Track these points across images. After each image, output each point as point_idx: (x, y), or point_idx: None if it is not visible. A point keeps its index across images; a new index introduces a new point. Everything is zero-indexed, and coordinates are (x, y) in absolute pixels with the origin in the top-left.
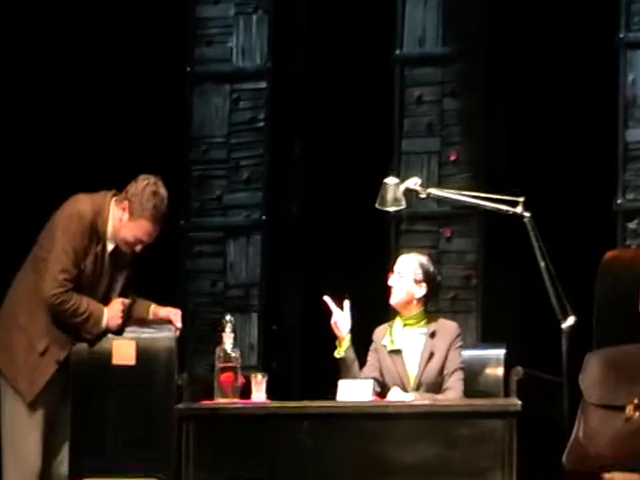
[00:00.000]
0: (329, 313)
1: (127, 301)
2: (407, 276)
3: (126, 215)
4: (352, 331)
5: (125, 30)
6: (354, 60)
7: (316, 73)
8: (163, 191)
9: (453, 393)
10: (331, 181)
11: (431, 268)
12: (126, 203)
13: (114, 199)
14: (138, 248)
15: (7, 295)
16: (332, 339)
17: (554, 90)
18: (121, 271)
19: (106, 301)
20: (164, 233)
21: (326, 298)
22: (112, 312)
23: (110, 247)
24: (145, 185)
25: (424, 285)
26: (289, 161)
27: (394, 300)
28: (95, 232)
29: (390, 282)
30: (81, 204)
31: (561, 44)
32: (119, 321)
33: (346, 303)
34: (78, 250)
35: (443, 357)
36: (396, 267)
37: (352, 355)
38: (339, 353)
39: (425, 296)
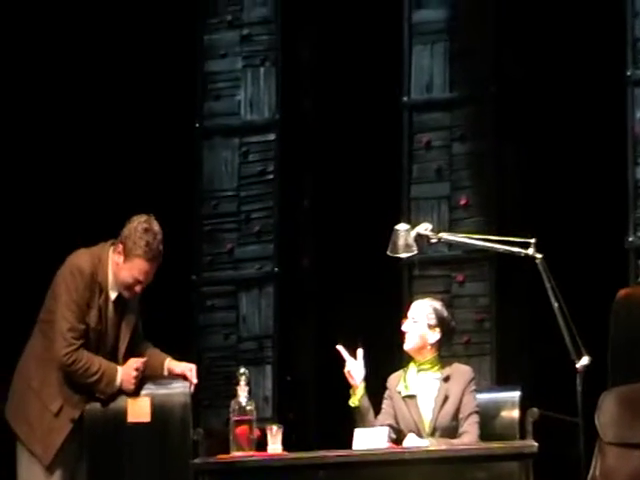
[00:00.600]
0: (343, 362)
1: (142, 361)
2: (421, 321)
3: (121, 258)
4: (366, 379)
5: (134, 86)
6: (362, 108)
7: (325, 123)
8: (156, 227)
9: (469, 437)
10: (342, 230)
11: (445, 313)
12: (120, 246)
13: (111, 247)
14: (138, 289)
15: (19, 362)
16: (347, 388)
17: (563, 129)
18: (127, 319)
19: (115, 352)
20: (176, 287)
21: (339, 347)
22: (126, 373)
23: (113, 296)
24: (137, 224)
25: (438, 330)
26: (299, 212)
27: (408, 346)
28: (96, 284)
29: (404, 328)
30: (80, 259)
31: (569, 83)
32: (132, 383)
33: (359, 352)
34: (82, 305)
35: (457, 401)
36: (410, 313)
37: (366, 403)
38: (353, 402)
39: (439, 341)
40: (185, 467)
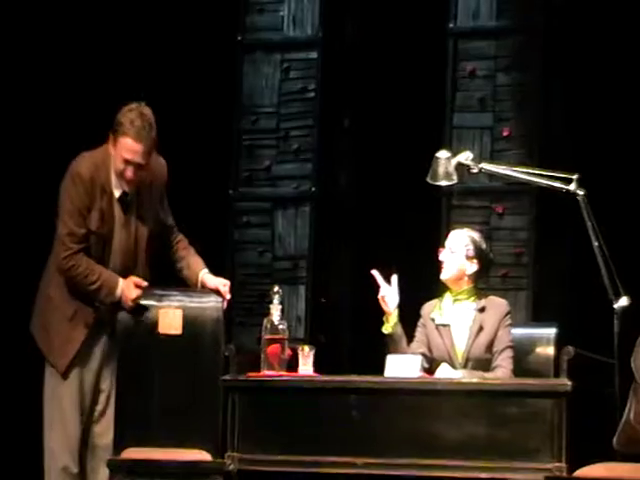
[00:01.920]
0: (377, 287)
1: (143, 283)
2: (459, 252)
3: (112, 146)
4: (400, 306)
5: None
6: (407, 32)
7: (368, 44)
8: (144, 109)
9: (502, 371)
10: (381, 154)
11: (483, 245)
12: (110, 136)
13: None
14: (129, 173)
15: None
16: (381, 313)
17: (613, 64)
18: (142, 215)
19: (135, 251)
20: (213, 202)
21: (374, 272)
22: (127, 288)
23: (117, 194)
24: (123, 109)
25: (475, 261)
26: (339, 132)
27: (445, 275)
28: (97, 187)
29: (441, 257)
30: (80, 165)
31: (621, 15)
32: (131, 300)
33: (394, 277)
34: (82, 210)
35: (492, 333)
36: (447, 242)
37: (400, 330)
38: (386, 328)
39: (476, 273)
40: (215, 382)
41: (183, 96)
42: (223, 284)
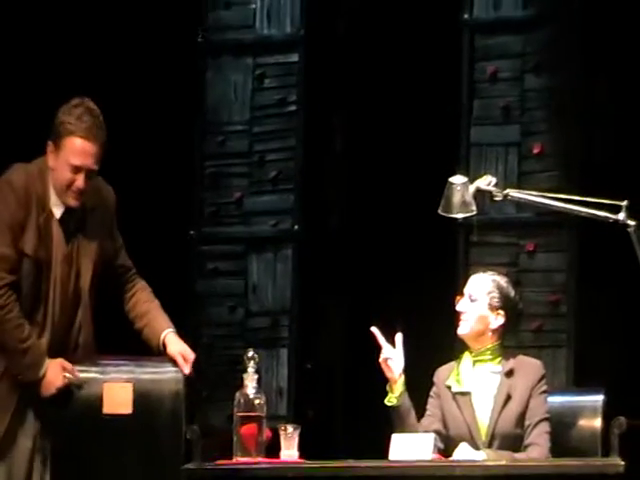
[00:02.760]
0: (378, 349)
1: (73, 370)
2: (481, 300)
3: (53, 155)
4: (407, 372)
5: None
6: (411, 26)
7: (362, 43)
8: (89, 103)
9: (538, 450)
10: (381, 180)
11: (511, 292)
12: (50, 143)
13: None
14: (80, 182)
15: None
16: (383, 381)
17: None
18: (88, 244)
19: (76, 291)
20: (170, 244)
21: (374, 329)
22: (52, 372)
23: (58, 213)
24: (63, 107)
25: (502, 313)
26: (328, 155)
27: (464, 330)
28: (35, 199)
29: (459, 307)
30: (12, 172)
31: None
32: (55, 387)
33: (398, 337)
34: (14, 226)
35: (523, 403)
36: (467, 289)
37: (407, 402)
38: (390, 400)
39: (502, 327)
40: (175, 473)
41: (135, 111)
42: (183, 353)
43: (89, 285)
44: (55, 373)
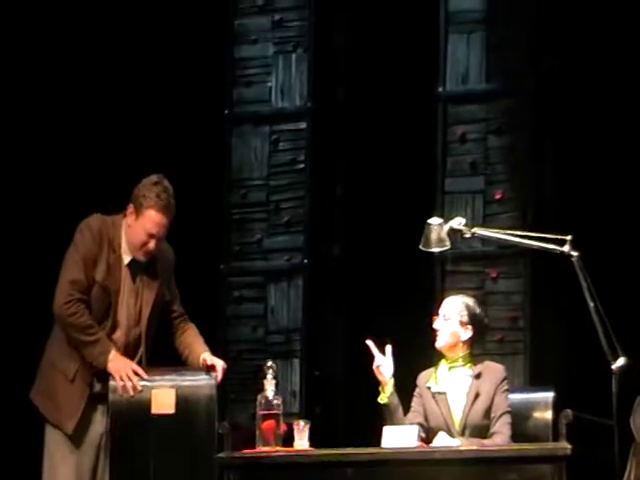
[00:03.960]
0: (371, 358)
1: (139, 371)
2: (453, 319)
3: (133, 217)
4: (396, 376)
5: (163, 72)
6: (396, 98)
7: (357, 112)
8: (166, 182)
9: (501, 437)
10: (374, 222)
11: (477, 310)
12: (131, 206)
13: (124, 216)
14: (152, 245)
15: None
16: (376, 384)
17: (603, 123)
18: (150, 286)
19: (137, 322)
20: (204, 277)
21: (368, 342)
22: (124, 364)
23: (126, 259)
24: (145, 181)
25: (470, 327)
26: (330, 202)
27: (440, 343)
28: (106, 242)
29: (435, 325)
30: (91, 219)
31: (608, 75)
32: (120, 377)
33: (388, 347)
34: (87, 258)
35: (489, 399)
36: (441, 310)
37: (396, 400)
38: (382, 399)
39: (471, 338)
40: (210, 461)
41: (172, 171)
42: (221, 365)
43: (149, 314)
44: (119, 364)
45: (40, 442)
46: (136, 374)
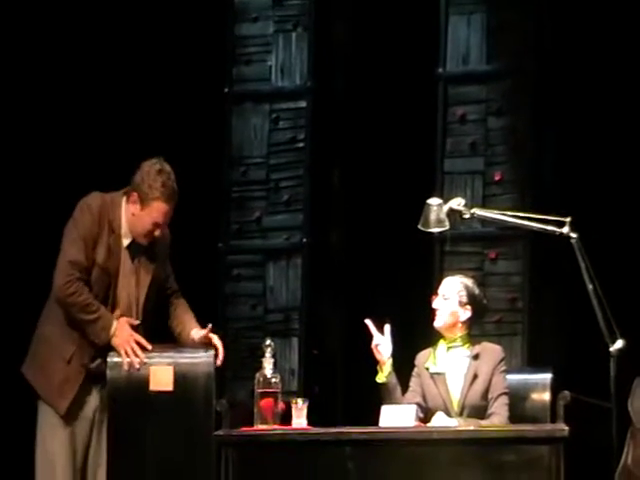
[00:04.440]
0: (370, 337)
1: (142, 341)
2: (452, 298)
3: (137, 206)
4: (394, 355)
5: (163, 50)
6: (396, 78)
7: (357, 92)
8: (168, 167)
9: (498, 418)
10: (373, 202)
11: (476, 291)
12: (135, 194)
13: (124, 197)
14: (157, 233)
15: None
16: (374, 363)
17: (604, 106)
18: (147, 268)
19: (136, 302)
20: (203, 255)
21: (367, 321)
22: (126, 334)
23: (126, 242)
24: (148, 168)
25: (469, 308)
26: (330, 182)
27: (438, 323)
28: (106, 222)
29: (434, 305)
30: (90, 197)
31: (613, 57)
32: (124, 347)
33: (386, 327)
34: (87, 240)
35: (487, 380)
36: (440, 290)
37: (394, 380)
38: (380, 378)
39: (470, 319)
40: (208, 438)
41: (171, 148)
42: (221, 348)
43: (146, 295)
44: (122, 337)
45: (31, 415)
46: (139, 346)
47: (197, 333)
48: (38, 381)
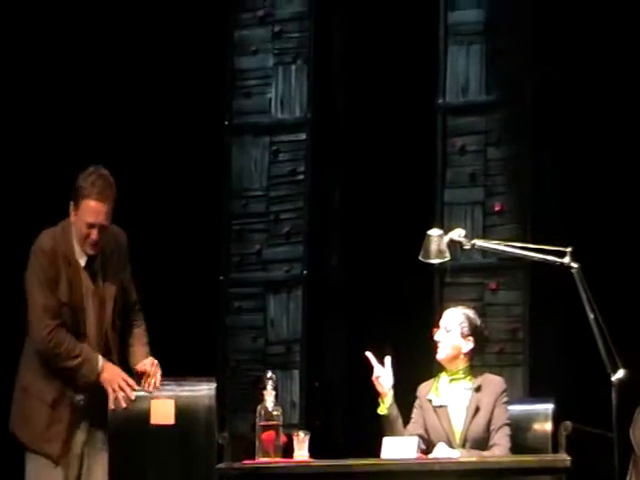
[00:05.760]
0: (371, 369)
1: (130, 381)
2: (454, 331)
3: (74, 212)
4: (395, 387)
5: (163, 82)
6: (396, 110)
7: (357, 123)
8: (102, 170)
9: (500, 449)
10: (373, 233)
11: (478, 322)
12: (71, 203)
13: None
14: (94, 235)
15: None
16: (375, 395)
17: (603, 134)
18: (107, 285)
19: (101, 324)
20: (204, 287)
21: (368, 354)
22: (114, 374)
23: (82, 262)
24: (82, 174)
25: (471, 339)
26: (330, 214)
27: (441, 356)
28: (59, 257)
29: (436, 337)
30: (39, 239)
31: (610, 86)
32: (113, 388)
33: (387, 359)
34: (49, 281)
35: (489, 412)
36: (442, 322)
37: (395, 412)
38: (382, 410)
39: (472, 350)
40: (210, 471)
41: (171, 181)
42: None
43: (112, 312)
44: (110, 374)
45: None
46: (127, 384)
47: (141, 366)
48: (24, 432)
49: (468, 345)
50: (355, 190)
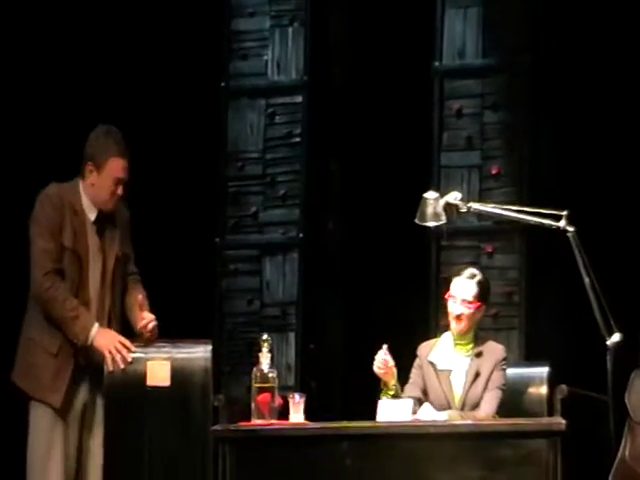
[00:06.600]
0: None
1: (126, 343)
2: (473, 303)
3: (95, 174)
4: (391, 347)
5: (159, 44)
6: (392, 73)
7: (353, 86)
8: (114, 128)
9: (486, 407)
10: (369, 196)
11: (488, 284)
12: (89, 164)
13: (80, 178)
14: (120, 191)
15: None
16: (371, 356)
17: (600, 101)
18: (110, 241)
19: (103, 279)
20: (200, 250)
21: (384, 347)
22: (111, 338)
23: (92, 216)
24: (95, 135)
25: (484, 307)
26: (326, 177)
27: (462, 330)
28: (67, 206)
29: (454, 310)
30: (47, 189)
31: (608, 51)
32: (109, 351)
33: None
34: (52, 227)
35: (488, 378)
36: (457, 292)
37: (400, 391)
38: (386, 395)
39: (482, 316)
40: (205, 433)
41: (167, 143)
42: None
43: (113, 270)
44: (106, 338)
45: (24, 427)
46: (124, 346)
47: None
48: (29, 382)
49: (481, 312)
50: (351, 153)
